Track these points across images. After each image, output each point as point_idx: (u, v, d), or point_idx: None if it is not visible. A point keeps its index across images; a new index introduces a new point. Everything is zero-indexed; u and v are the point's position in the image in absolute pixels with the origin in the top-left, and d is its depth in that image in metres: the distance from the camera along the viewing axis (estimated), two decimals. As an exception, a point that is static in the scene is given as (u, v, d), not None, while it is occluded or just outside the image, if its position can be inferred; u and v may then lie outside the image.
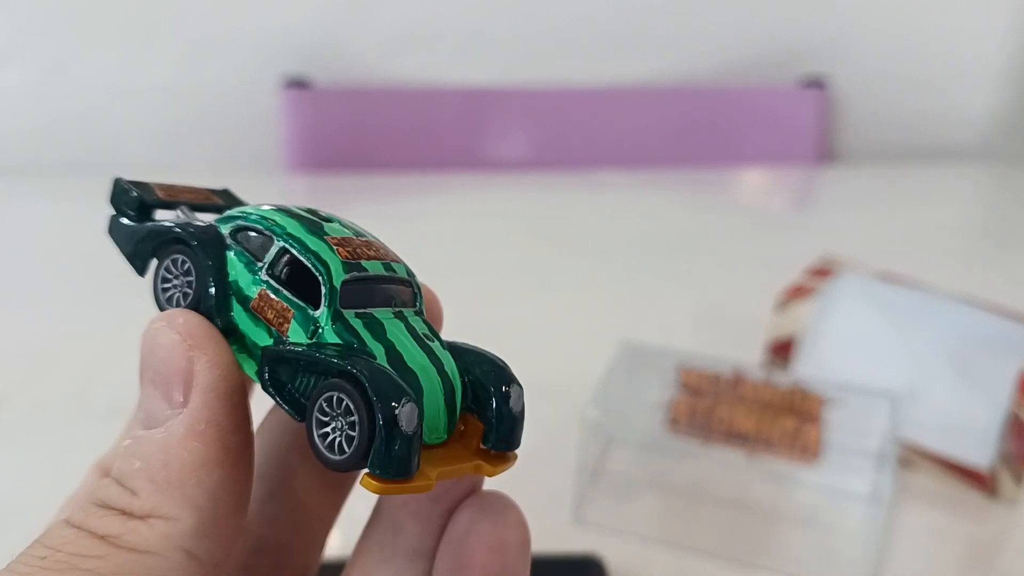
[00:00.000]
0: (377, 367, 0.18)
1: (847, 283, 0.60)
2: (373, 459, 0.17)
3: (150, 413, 0.19)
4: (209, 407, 0.19)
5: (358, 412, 0.17)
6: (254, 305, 0.20)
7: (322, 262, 0.19)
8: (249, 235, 0.20)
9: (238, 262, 0.20)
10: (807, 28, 0.98)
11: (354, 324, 0.19)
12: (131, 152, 0.97)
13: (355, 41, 0.95)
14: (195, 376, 0.19)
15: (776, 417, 0.51)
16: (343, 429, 0.17)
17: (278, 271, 0.20)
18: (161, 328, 0.19)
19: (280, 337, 0.19)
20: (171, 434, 0.18)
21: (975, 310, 0.57)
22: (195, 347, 0.19)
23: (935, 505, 0.53)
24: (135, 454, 0.19)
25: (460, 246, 0.79)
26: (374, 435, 0.17)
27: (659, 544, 0.50)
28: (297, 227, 0.20)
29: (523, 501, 0.55)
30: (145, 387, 0.19)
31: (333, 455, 0.18)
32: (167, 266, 0.21)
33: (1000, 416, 0.52)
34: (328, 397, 0.18)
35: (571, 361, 0.61)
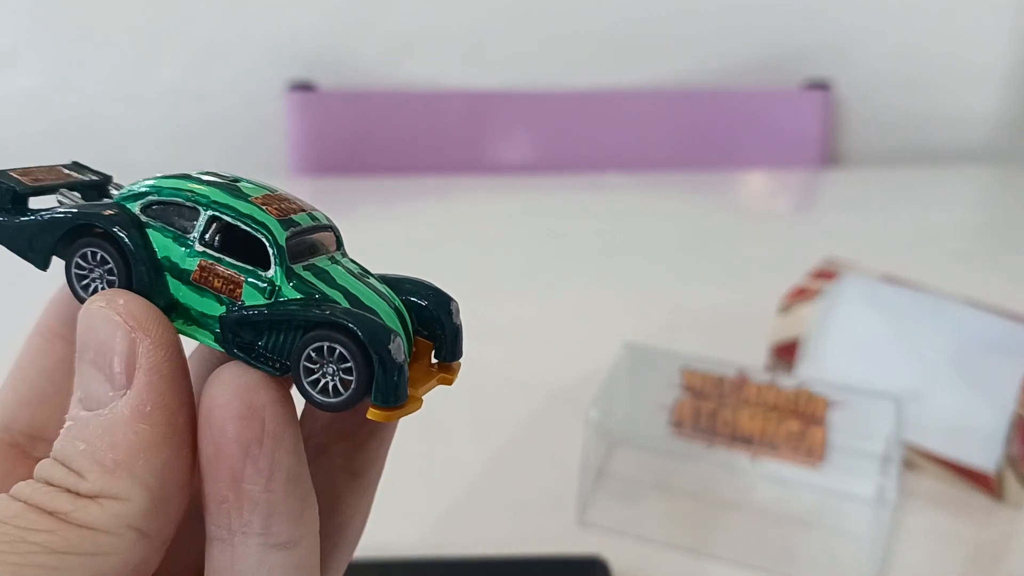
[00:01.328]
0: (355, 312, 0.19)
1: (851, 285, 0.60)
2: (377, 393, 0.18)
3: (89, 394, 0.19)
4: (155, 388, 0.18)
5: (352, 357, 0.18)
6: (195, 277, 0.20)
7: (261, 224, 0.20)
8: (167, 208, 0.20)
9: (163, 238, 0.20)
10: (810, 31, 0.98)
11: (307, 277, 0.20)
12: (137, 156, 0.97)
13: (360, 45, 0.95)
14: (139, 358, 0.19)
15: (780, 419, 0.51)
16: (335, 374, 0.19)
17: (211, 240, 0.20)
18: (101, 309, 0.19)
19: (234, 303, 0.20)
20: (116, 416, 0.18)
21: (979, 312, 0.57)
22: (137, 328, 0.19)
23: (940, 508, 0.53)
24: (78, 436, 0.18)
25: (465, 248, 0.79)
26: (371, 374, 0.18)
27: (663, 546, 0.50)
28: (219, 194, 0.20)
29: (527, 502, 0.55)
30: (84, 368, 0.19)
31: (328, 398, 0.19)
32: (78, 260, 0.20)
33: (1005, 418, 0.52)
34: (317, 347, 0.19)
35: (575, 363, 0.61)
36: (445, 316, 0.21)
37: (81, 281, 0.20)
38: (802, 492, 0.53)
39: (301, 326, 0.19)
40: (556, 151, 0.99)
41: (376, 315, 0.20)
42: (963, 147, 1.02)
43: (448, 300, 0.21)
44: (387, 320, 0.20)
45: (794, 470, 0.52)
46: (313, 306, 0.19)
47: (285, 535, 0.19)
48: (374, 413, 0.19)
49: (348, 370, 0.19)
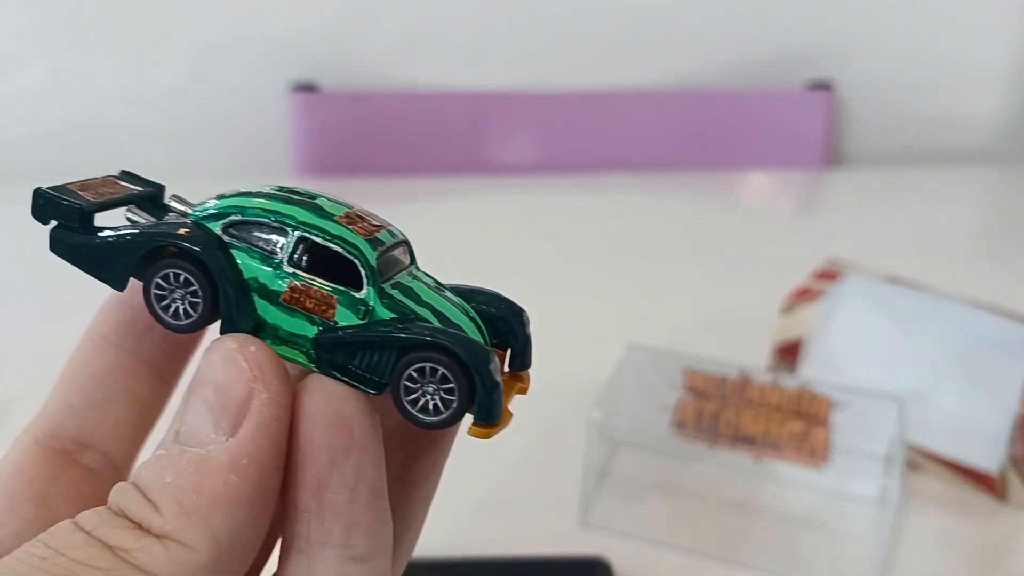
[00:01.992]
0: (455, 333, 0.20)
1: (854, 286, 0.60)
2: (479, 412, 0.19)
3: (191, 429, 0.18)
4: (257, 444, 0.18)
5: (455, 378, 0.19)
6: (285, 298, 0.20)
7: (351, 244, 0.20)
8: (251, 228, 0.20)
9: (249, 259, 0.20)
10: (813, 32, 0.98)
11: (396, 296, 0.20)
12: (140, 156, 0.97)
13: (362, 46, 0.95)
14: (252, 409, 0.18)
15: (783, 420, 0.51)
16: (435, 393, 0.19)
17: (300, 260, 0.20)
18: (230, 351, 0.19)
19: (327, 323, 0.20)
20: (211, 459, 0.18)
21: (983, 312, 0.57)
22: (259, 380, 0.18)
23: (943, 509, 0.53)
24: (168, 468, 0.18)
25: (467, 249, 0.79)
26: (472, 394, 0.19)
27: (666, 547, 0.50)
28: (305, 214, 0.20)
29: (530, 503, 0.55)
30: (194, 402, 0.19)
31: (428, 416, 0.19)
32: (159, 280, 0.20)
33: (1009, 419, 0.52)
34: (419, 368, 0.19)
35: (578, 364, 0.61)
36: (518, 326, 0.22)
37: (161, 302, 0.20)
38: (805, 493, 0.53)
39: (400, 346, 0.19)
40: (558, 152, 0.99)
41: (462, 331, 0.20)
42: (966, 148, 1.02)
43: (520, 311, 0.22)
44: (472, 335, 0.20)
45: (797, 471, 0.52)
46: (411, 326, 0.19)
47: (363, 548, 0.19)
48: (475, 431, 0.20)
49: (450, 390, 0.19)
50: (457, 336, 0.19)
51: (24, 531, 0.21)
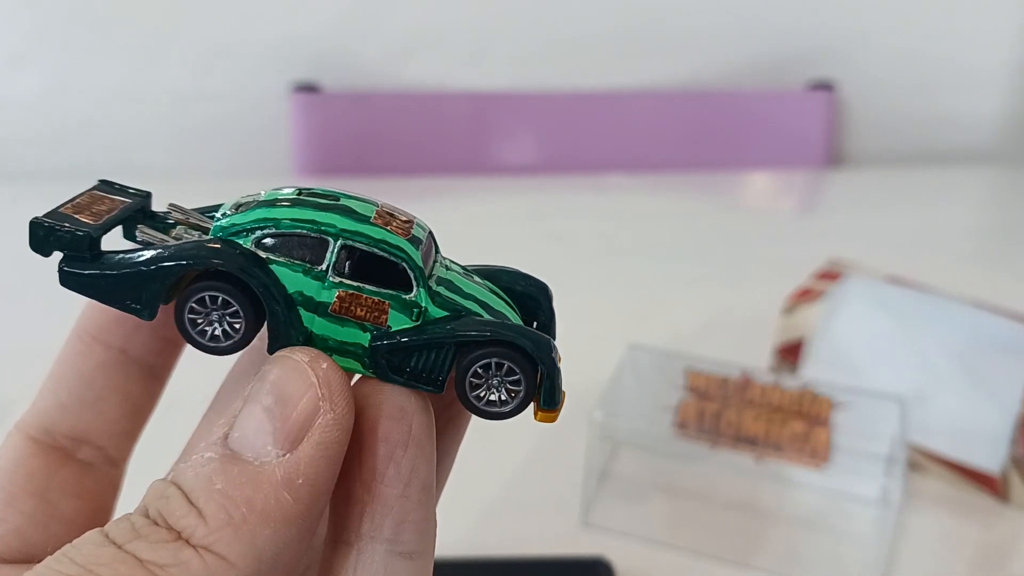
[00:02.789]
0: (514, 326, 0.20)
1: (855, 286, 0.59)
2: (545, 399, 0.20)
3: (246, 436, 0.18)
4: (315, 465, 0.17)
5: (522, 371, 0.20)
6: (335, 308, 0.19)
7: (396, 247, 0.19)
8: (287, 241, 0.19)
9: (291, 273, 0.19)
10: (815, 32, 0.98)
11: (443, 293, 0.20)
12: (143, 157, 0.97)
13: (364, 46, 0.95)
14: (314, 427, 0.18)
15: (785, 420, 0.51)
16: (500, 385, 0.20)
17: (344, 268, 0.19)
18: (300, 363, 0.18)
19: (380, 329, 0.19)
20: (265, 473, 0.17)
21: (984, 313, 0.57)
22: (327, 398, 0.18)
23: (945, 509, 0.53)
24: (218, 474, 0.17)
25: (468, 250, 0.79)
26: (536, 382, 0.20)
27: (667, 547, 0.50)
28: (342, 220, 0.19)
29: (531, 503, 0.55)
30: (252, 410, 0.18)
31: (494, 408, 0.20)
32: (193, 304, 0.19)
33: (1010, 419, 0.52)
34: (484, 364, 0.19)
35: (579, 364, 0.61)
36: (545, 301, 0.22)
37: (196, 326, 0.19)
38: (806, 493, 0.53)
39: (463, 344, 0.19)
40: (559, 152, 0.99)
41: (506, 318, 0.20)
42: (968, 148, 1.02)
43: (545, 287, 0.22)
44: (513, 319, 0.21)
45: (798, 471, 0.52)
46: (467, 323, 0.20)
47: (411, 544, 0.19)
48: (543, 416, 0.20)
49: (516, 381, 0.20)
50: (518, 328, 0.20)
51: (25, 526, 0.21)
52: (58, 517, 0.21)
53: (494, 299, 0.21)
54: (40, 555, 0.21)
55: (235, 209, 0.20)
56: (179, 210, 0.21)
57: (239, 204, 0.20)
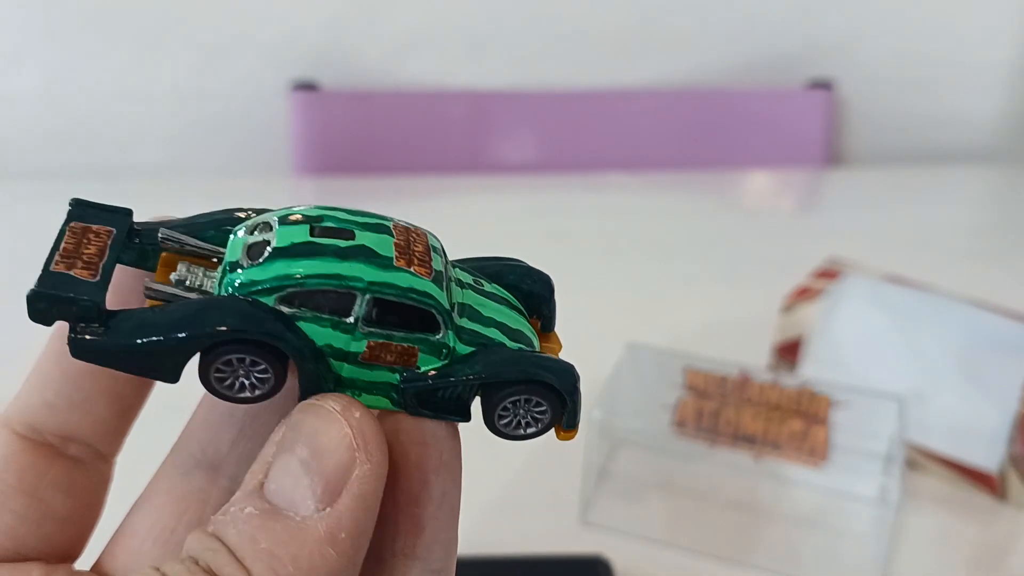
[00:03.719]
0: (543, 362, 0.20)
1: (854, 285, 0.60)
2: (568, 421, 0.21)
3: (284, 490, 0.18)
4: (356, 518, 0.17)
5: (550, 404, 0.20)
6: (365, 357, 0.19)
7: (424, 294, 0.19)
8: (313, 296, 0.19)
9: (320, 328, 0.19)
10: (813, 31, 0.98)
11: (468, 326, 0.20)
12: (141, 156, 0.97)
13: (363, 45, 0.95)
14: (352, 480, 0.18)
15: (783, 419, 0.51)
16: (527, 414, 0.20)
17: (373, 317, 0.19)
18: (334, 414, 0.18)
19: (409, 371, 0.20)
20: (308, 529, 0.17)
21: (983, 312, 0.57)
22: (363, 449, 0.18)
23: (943, 508, 0.53)
24: (259, 532, 0.17)
25: (467, 248, 0.79)
26: (562, 409, 0.20)
27: (665, 545, 0.50)
28: (366, 270, 0.19)
29: (531, 502, 0.55)
30: (288, 461, 0.18)
31: (520, 431, 0.21)
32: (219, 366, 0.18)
33: (1009, 418, 0.52)
34: (516, 401, 0.20)
35: (578, 362, 0.61)
36: (548, 295, 0.22)
37: (222, 383, 0.19)
38: (805, 492, 0.53)
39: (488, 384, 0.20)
40: (559, 151, 0.99)
41: (523, 335, 0.21)
42: (966, 147, 1.02)
43: (548, 280, 0.23)
44: (528, 333, 0.21)
45: (797, 470, 0.52)
46: (495, 360, 0.20)
47: (439, 562, 0.20)
48: (564, 436, 0.21)
49: (542, 411, 0.20)
50: (544, 363, 0.20)
51: (18, 526, 0.20)
52: (50, 515, 0.21)
53: (510, 315, 0.21)
54: (33, 554, 0.21)
55: (247, 253, 0.19)
56: (173, 239, 0.20)
57: (249, 245, 0.19)
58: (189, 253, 0.20)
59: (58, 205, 0.21)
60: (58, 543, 0.21)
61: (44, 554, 0.21)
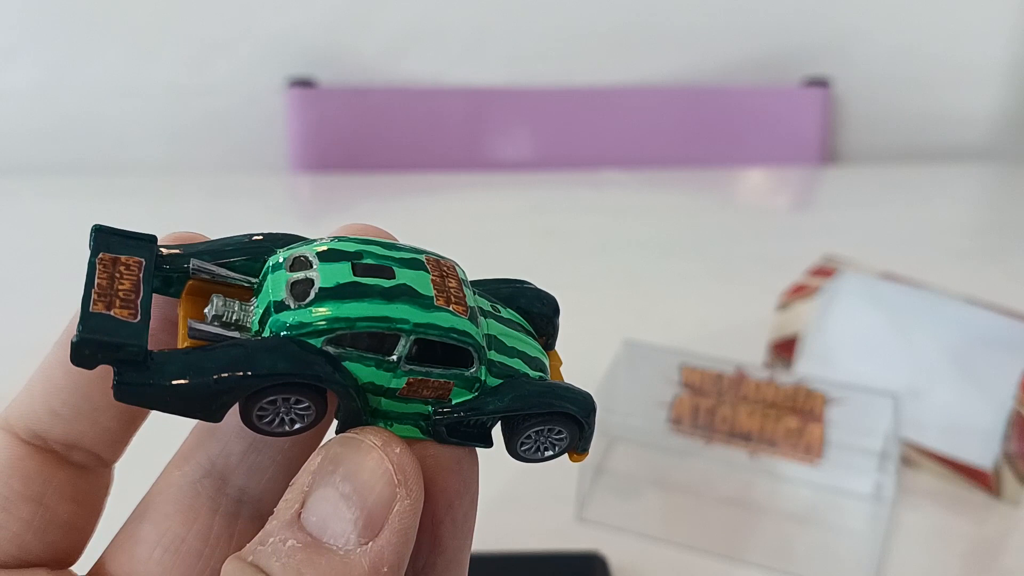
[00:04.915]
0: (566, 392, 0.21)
1: (850, 282, 0.60)
2: (582, 446, 0.22)
3: (325, 523, 0.18)
4: (397, 552, 0.18)
5: (570, 432, 0.21)
6: (403, 392, 0.20)
7: (463, 333, 0.20)
8: (362, 338, 0.19)
9: (364, 367, 0.19)
10: (810, 29, 0.98)
11: (496, 359, 0.21)
12: (138, 152, 0.97)
13: (360, 42, 0.95)
14: (393, 515, 0.18)
15: (779, 416, 0.51)
16: (547, 439, 0.21)
17: (413, 354, 0.19)
18: (375, 450, 0.18)
19: (442, 403, 0.20)
20: (352, 564, 0.17)
21: (978, 309, 0.57)
22: (403, 485, 0.18)
23: (938, 504, 0.53)
24: (307, 565, 0.17)
25: (464, 245, 0.79)
26: (580, 435, 0.21)
27: (661, 542, 0.50)
28: (412, 311, 0.19)
29: (526, 499, 0.55)
30: (328, 494, 0.18)
31: (539, 455, 0.22)
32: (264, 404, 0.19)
33: (1003, 415, 0.52)
34: (539, 430, 0.21)
35: (574, 359, 0.61)
36: (555, 318, 0.23)
37: (262, 420, 0.19)
38: (800, 489, 0.54)
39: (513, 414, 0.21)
40: (555, 148, 0.99)
41: (541, 363, 0.22)
42: (962, 145, 1.03)
43: (555, 302, 0.23)
44: (543, 359, 0.22)
45: (792, 467, 0.52)
46: (523, 394, 0.21)
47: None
48: (577, 458, 0.22)
49: (561, 438, 0.21)
50: (568, 395, 0.21)
51: (23, 533, 0.20)
52: (55, 522, 0.21)
53: (527, 342, 0.22)
54: (37, 561, 0.21)
55: (290, 291, 0.19)
56: (203, 270, 0.20)
57: (293, 283, 0.19)
58: (219, 283, 0.20)
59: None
60: (60, 549, 0.21)
61: (47, 560, 0.21)
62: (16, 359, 0.62)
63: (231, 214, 0.80)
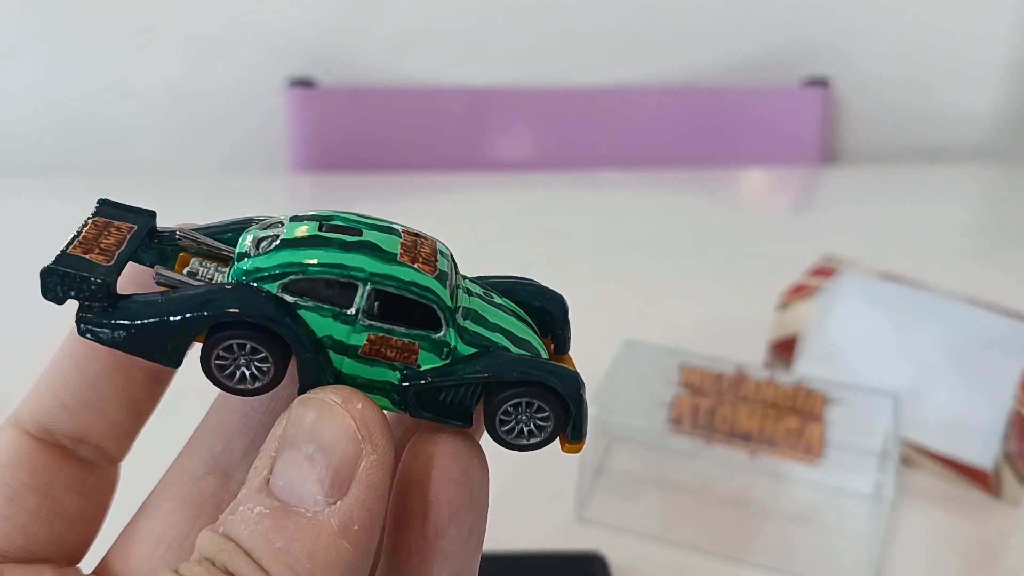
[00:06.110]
0: (544, 365, 0.20)
1: (850, 282, 0.60)
2: (572, 432, 0.20)
3: (292, 487, 0.18)
4: (367, 508, 0.18)
5: (552, 409, 0.20)
6: (364, 351, 0.19)
7: (426, 289, 0.19)
8: (316, 285, 0.19)
9: (320, 318, 0.19)
10: (810, 28, 0.98)
11: (471, 328, 0.20)
12: (138, 152, 0.97)
13: (360, 42, 0.95)
14: (359, 472, 0.18)
15: (779, 416, 0.51)
16: (530, 420, 0.20)
17: (373, 310, 0.19)
18: (335, 406, 0.18)
19: (410, 368, 0.19)
20: (321, 524, 0.17)
21: (978, 309, 0.57)
22: (367, 440, 0.18)
23: (938, 504, 0.53)
24: (273, 532, 0.17)
25: (464, 246, 0.79)
26: (566, 417, 0.20)
27: (661, 542, 0.50)
28: (369, 262, 0.19)
29: (527, 499, 0.55)
30: (293, 457, 0.18)
31: (523, 440, 0.20)
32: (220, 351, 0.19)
33: (1003, 415, 0.52)
34: (515, 403, 0.20)
35: (574, 359, 0.61)
36: (561, 315, 0.22)
37: (223, 371, 0.19)
38: (800, 489, 0.54)
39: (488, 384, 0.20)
40: (555, 148, 0.99)
41: (530, 345, 0.21)
42: (962, 145, 1.03)
43: (563, 300, 0.22)
44: (536, 345, 0.21)
45: (792, 467, 0.52)
46: (496, 361, 0.20)
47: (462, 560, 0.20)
48: (570, 448, 0.21)
49: (545, 417, 0.20)
50: (546, 366, 0.20)
51: (31, 524, 0.21)
52: (62, 515, 0.21)
53: (517, 324, 0.21)
54: (44, 554, 0.21)
55: (255, 245, 0.19)
56: (190, 237, 0.20)
57: (259, 239, 0.19)
58: (205, 252, 0.21)
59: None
60: (67, 544, 0.21)
61: (54, 555, 0.21)
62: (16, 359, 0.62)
63: (231, 214, 0.80)
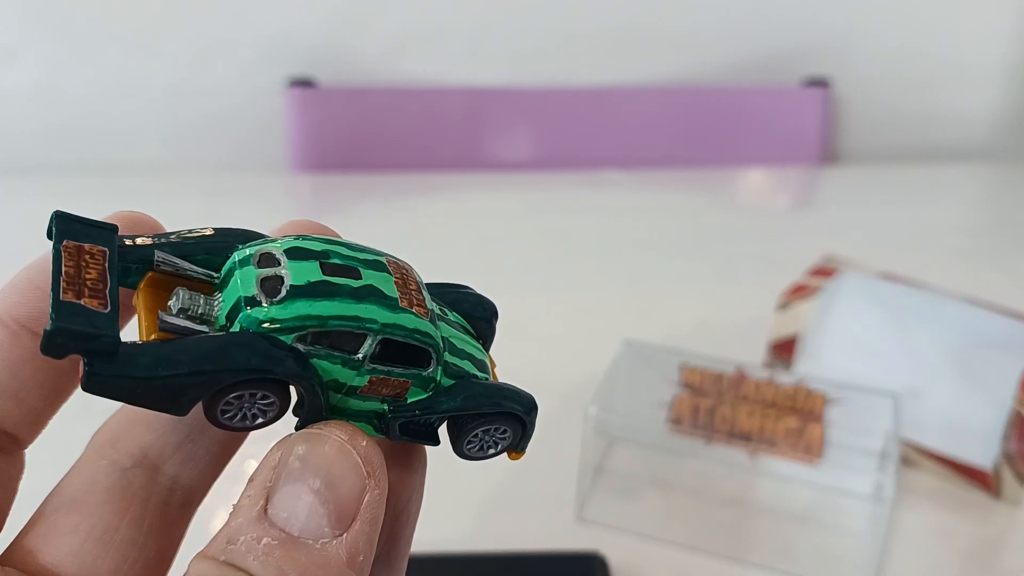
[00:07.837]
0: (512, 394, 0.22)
1: (850, 282, 0.60)
2: (522, 445, 0.23)
3: (297, 519, 0.18)
4: (369, 541, 0.19)
5: (514, 432, 0.22)
6: (364, 390, 0.20)
7: (425, 335, 0.20)
8: (331, 336, 0.19)
9: (331, 364, 0.19)
10: (810, 28, 0.98)
11: (450, 360, 0.21)
12: (138, 152, 0.97)
13: (360, 42, 0.95)
14: (364, 506, 0.19)
15: (779, 416, 0.51)
16: (491, 437, 0.22)
17: (377, 354, 0.20)
18: (342, 444, 0.19)
19: (399, 401, 0.21)
20: (330, 556, 0.18)
21: (978, 309, 0.57)
22: (372, 476, 0.19)
23: (938, 505, 0.53)
24: (288, 561, 0.17)
25: (464, 246, 0.79)
26: (521, 434, 0.22)
27: (661, 542, 0.50)
28: (379, 312, 0.20)
29: (527, 498, 0.55)
30: (299, 490, 0.18)
31: (483, 453, 0.22)
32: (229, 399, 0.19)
33: (1003, 415, 0.52)
34: (486, 429, 0.22)
35: (574, 360, 0.61)
36: (493, 321, 0.24)
37: (225, 415, 0.19)
38: (800, 489, 0.54)
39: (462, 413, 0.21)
40: (555, 148, 0.99)
41: (485, 365, 0.23)
42: (962, 145, 1.02)
43: (495, 308, 0.24)
44: (486, 361, 0.23)
45: (792, 467, 0.52)
46: (474, 394, 0.21)
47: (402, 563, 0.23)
48: (514, 456, 0.23)
49: (504, 436, 0.22)
50: (514, 395, 0.22)
51: None
52: None
53: (472, 343, 0.23)
54: None
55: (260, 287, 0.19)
56: (168, 263, 0.20)
57: (262, 279, 0.19)
58: (180, 276, 0.20)
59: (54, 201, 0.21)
60: None
61: None
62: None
63: (231, 214, 0.80)
